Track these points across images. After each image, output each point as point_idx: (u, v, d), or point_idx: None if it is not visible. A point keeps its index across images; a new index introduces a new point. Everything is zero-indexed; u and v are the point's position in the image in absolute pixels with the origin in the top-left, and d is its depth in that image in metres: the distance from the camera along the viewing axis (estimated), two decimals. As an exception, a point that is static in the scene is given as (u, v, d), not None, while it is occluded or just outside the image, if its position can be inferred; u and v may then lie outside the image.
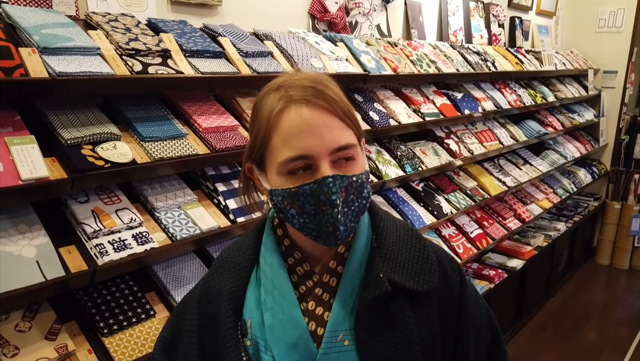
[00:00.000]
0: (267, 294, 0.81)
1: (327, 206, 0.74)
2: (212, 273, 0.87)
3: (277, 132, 0.75)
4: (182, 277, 1.54)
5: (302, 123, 0.74)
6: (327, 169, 0.74)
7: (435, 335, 0.82)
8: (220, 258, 0.88)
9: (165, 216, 1.49)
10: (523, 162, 3.65)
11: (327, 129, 0.74)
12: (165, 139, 1.49)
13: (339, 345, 0.78)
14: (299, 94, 0.75)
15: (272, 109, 0.76)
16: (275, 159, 0.76)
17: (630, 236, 4.61)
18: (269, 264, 0.83)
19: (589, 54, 4.81)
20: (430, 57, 2.74)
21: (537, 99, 3.65)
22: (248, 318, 0.81)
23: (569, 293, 4.24)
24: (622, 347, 3.45)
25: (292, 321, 0.79)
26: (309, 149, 0.73)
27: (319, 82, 0.77)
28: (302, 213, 0.76)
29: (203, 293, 0.86)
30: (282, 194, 0.75)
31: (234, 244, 0.89)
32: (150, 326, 1.40)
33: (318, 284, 0.82)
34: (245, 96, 1.84)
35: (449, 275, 0.86)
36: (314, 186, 0.73)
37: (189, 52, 1.60)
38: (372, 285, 0.79)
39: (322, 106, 0.75)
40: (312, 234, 0.77)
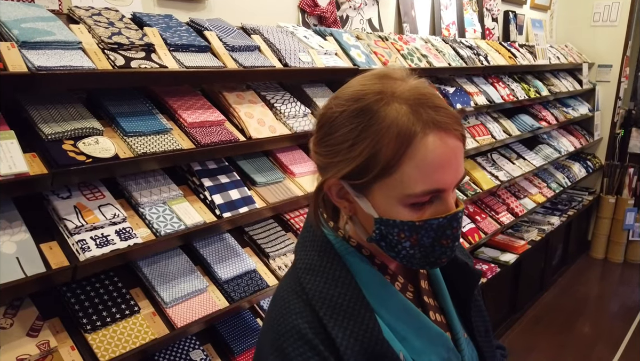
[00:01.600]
0: (395, 323, 0.73)
1: (449, 240, 0.70)
2: (336, 321, 0.69)
3: (415, 160, 0.64)
4: (168, 273, 1.54)
5: (446, 155, 0.65)
6: (452, 203, 0.69)
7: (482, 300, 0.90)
8: (326, 302, 0.70)
9: (150, 211, 1.48)
10: (517, 157, 3.65)
11: (460, 159, 0.68)
12: (149, 134, 1.48)
13: (466, 340, 0.82)
14: (443, 119, 0.65)
15: (408, 130, 0.64)
16: (402, 189, 0.66)
17: (624, 230, 4.62)
18: (379, 291, 0.74)
19: (583, 48, 4.79)
20: (421, 51, 2.73)
21: (531, 93, 3.64)
22: (399, 351, 0.71)
23: (563, 287, 4.25)
24: (616, 340, 3.46)
25: (438, 338, 0.76)
26: (445, 183, 0.67)
27: (439, 97, 0.69)
28: (416, 245, 0.69)
29: (345, 347, 0.67)
30: (402, 227, 0.68)
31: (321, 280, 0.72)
32: (134, 322, 1.39)
33: (423, 292, 0.81)
34: (232, 91, 1.83)
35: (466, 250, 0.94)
36: (443, 221, 0.68)
37: (173, 46, 1.58)
38: (468, 276, 0.84)
39: (459, 133, 0.67)
40: (412, 262, 0.72)
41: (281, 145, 1.93)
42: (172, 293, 1.48)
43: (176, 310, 1.47)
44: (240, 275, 1.67)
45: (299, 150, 2.08)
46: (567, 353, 3.31)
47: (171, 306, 1.47)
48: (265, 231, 1.88)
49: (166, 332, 1.41)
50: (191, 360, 1.52)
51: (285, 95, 2.00)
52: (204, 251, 1.66)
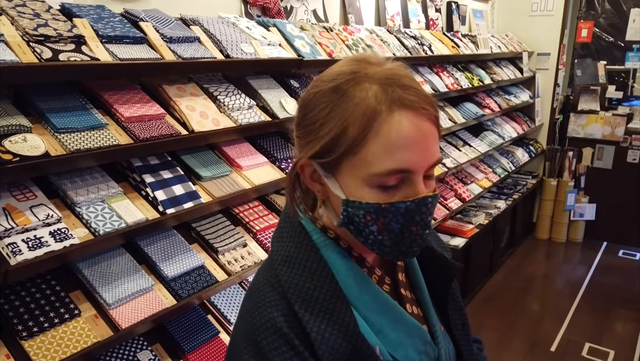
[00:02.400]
0: (371, 316, 0.72)
1: (419, 226, 0.67)
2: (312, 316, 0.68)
3: (380, 138, 0.64)
4: (110, 273, 1.48)
5: (412, 133, 0.64)
6: (422, 187, 0.66)
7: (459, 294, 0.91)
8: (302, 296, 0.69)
9: (87, 210, 1.42)
10: (463, 144, 3.75)
11: (432, 140, 0.66)
12: (82, 130, 1.41)
13: (443, 333, 0.82)
14: (403, 95, 0.64)
15: (373, 108, 0.64)
16: (367, 168, 0.65)
17: (566, 211, 4.85)
18: (355, 284, 0.73)
19: (523, 37, 4.98)
20: (366, 41, 2.75)
21: (474, 81, 3.74)
22: (375, 345, 0.70)
23: (511, 267, 4.42)
24: (561, 315, 3.64)
25: (415, 331, 0.75)
26: (413, 163, 0.64)
27: (411, 78, 0.67)
28: (384, 230, 0.67)
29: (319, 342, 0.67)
30: (368, 209, 0.66)
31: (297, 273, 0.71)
32: (75, 326, 1.34)
33: (400, 285, 0.80)
34: (172, 84, 1.78)
35: (444, 243, 0.94)
36: (411, 205, 0.65)
37: (106, 38, 1.52)
38: (443, 268, 0.83)
39: (430, 114, 0.66)
40: (384, 251, 0.70)
41: (226, 138, 1.90)
42: (115, 294, 1.43)
43: (120, 310, 1.43)
44: (188, 272, 1.63)
45: (245, 143, 2.05)
46: (516, 329, 3.45)
47: (114, 308, 1.42)
48: (213, 226, 1.85)
49: (110, 334, 1.37)
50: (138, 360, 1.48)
51: (229, 87, 1.97)
52: (148, 250, 1.61)
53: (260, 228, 1.93)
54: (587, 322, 3.55)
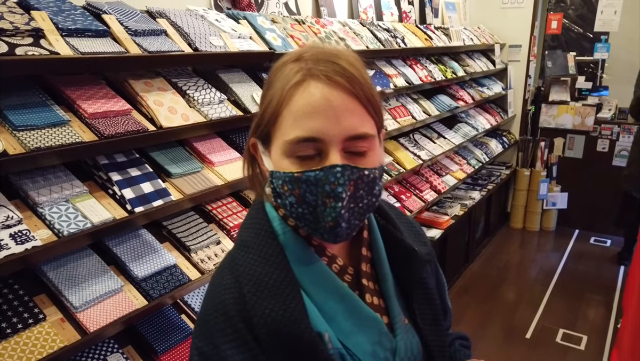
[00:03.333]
0: (324, 304, 0.73)
1: (331, 198, 0.67)
2: (256, 299, 0.69)
3: (289, 108, 0.68)
4: (77, 275, 1.43)
5: (319, 102, 0.66)
6: (336, 158, 0.67)
7: (435, 287, 0.90)
8: (252, 279, 0.71)
9: (50, 211, 1.37)
10: (437, 136, 3.77)
11: (346, 112, 0.67)
12: (43, 127, 1.36)
13: (405, 326, 0.80)
14: (320, 68, 0.68)
15: (288, 80, 0.69)
16: (282, 137, 0.69)
17: (539, 200, 4.94)
18: (311, 272, 0.74)
19: (495, 29, 5.03)
20: (339, 34, 2.73)
21: (448, 74, 3.76)
22: (324, 332, 0.71)
23: (487, 257, 4.48)
24: (536, 302, 3.70)
25: (370, 320, 0.75)
26: (322, 132, 0.66)
27: (345, 59, 0.70)
28: (301, 202, 0.69)
29: (260, 325, 0.68)
30: (284, 178, 0.69)
31: (252, 258, 0.73)
32: (40, 331, 1.29)
33: (362, 275, 0.79)
34: (139, 78, 1.73)
35: (427, 239, 0.93)
36: (319, 174, 0.66)
37: (66, 31, 1.46)
38: (413, 262, 0.82)
39: (344, 85, 0.67)
40: (310, 227, 0.71)
41: (197, 133, 1.85)
42: (82, 297, 1.39)
43: (87, 313, 1.38)
44: (159, 271, 1.59)
45: (217, 138, 2.01)
46: (492, 318, 3.50)
47: (81, 311, 1.37)
48: (185, 224, 1.81)
49: (77, 338, 1.32)
50: (109, 364, 1.44)
51: (198, 81, 1.92)
52: (117, 250, 1.56)
53: (234, 224, 1.89)
54: (560, 309, 3.62)
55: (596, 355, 3.09)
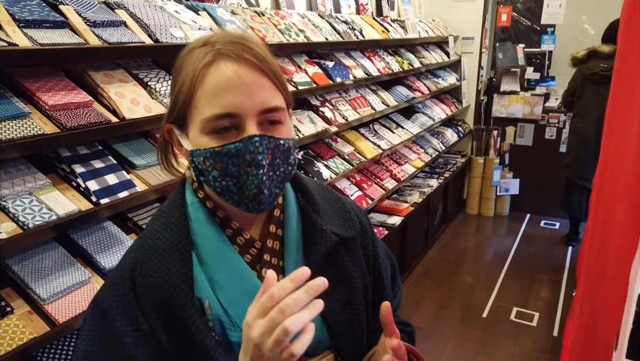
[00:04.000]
0: (215, 272, 0.77)
1: (252, 166, 0.71)
2: (144, 260, 0.76)
3: (203, 88, 0.71)
4: (43, 268, 1.43)
5: (231, 79, 0.70)
6: (253, 129, 0.71)
7: (364, 274, 0.91)
8: (147, 242, 0.78)
9: (14, 204, 1.36)
10: (396, 126, 3.88)
11: (257, 87, 0.72)
12: (3, 119, 1.34)
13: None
14: (229, 48, 0.72)
15: (199, 62, 0.72)
16: (199, 116, 0.72)
17: (493, 187, 5.16)
18: (208, 240, 0.78)
19: (449, 21, 5.19)
20: (298, 26, 2.77)
21: (404, 65, 3.87)
22: (205, 298, 0.76)
23: (445, 242, 4.66)
24: (491, 283, 3.89)
25: (255, 292, 0.75)
26: (237, 107, 0.70)
27: (249, 40, 0.75)
28: (225, 175, 0.73)
29: (140, 283, 0.74)
30: (205, 155, 0.72)
31: (156, 225, 0.80)
32: (7, 323, 1.28)
33: (265, 250, 0.82)
34: (99, 70, 1.72)
35: (362, 219, 0.95)
36: (239, 145, 0.71)
37: (23, 22, 1.44)
38: (319, 240, 0.83)
39: (253, 63, 0.72)
40: (234, 199, 0.75)
41: (159, 125, 1.85)
42: (49, 289, 1.38)
43: (56, 305, 1.38)
44: (127, 262, 1.60)
45: (180, 130, 2.02)
46: (451, 300, 3.66)
47: (50, 302, 1.37)
48: (150, 216, 1.82)
49: (47, 330, 1.32)
50: (79, 355, 1.44)
51: (160, 73, 1.92)
52: (83, 242, 1.56)
53: (200, 214, 1.91)
54: (514, 288, 3.82)
55: (547, 329, 3.29)
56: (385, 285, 0.98)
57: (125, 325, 0.72)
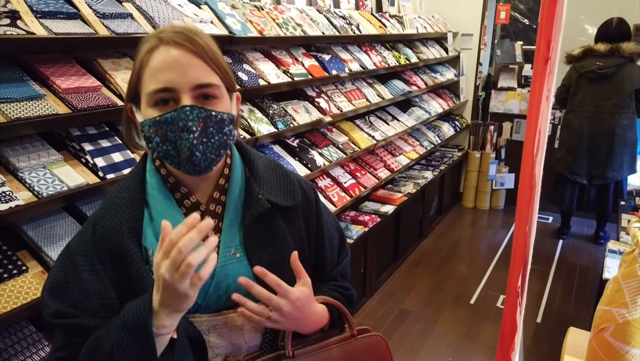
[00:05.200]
0: (159, 227, 0.91)
1: (184, 132, 0.84)
2: (104, 214, 0.92)
3: (147, 69, 0.86)
4: (55, 234, 1.59)
5: (168, 60, 0.84)
6: (187, 101, 0.85)
7: (302, 240, 1.04)
8: (109, 201, 0.94)
9: (30, 175, 1.52)
10: (391, 119, 4.02)
11: (191, 67, 0.85)
12: (21, 100, 1.50)
13: (232, 258, 0.95)
14: (169, 36, 0.86)
15: (145, 49, 0.87)
16: (144, 92, 0.87)
17: (489, 180, 5.28)
18: (158, 201, 0.93)
19: (448, 18, 5.30)
20: (296, 20, 2.91)
21: (401, 60, 4.00)
22: (149, 248, 0.91)
23: (440, 233, 4.79)
24: (481, 272, 4.03)
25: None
26: (172, 82, 0.84)
27: (190, 31, 0.88)
28: (165, 140, 0.86)
29: (98, 232, 0.91)
30: (149, 123, 0.86)
31: (118, 187, 0.96)
32: (23, 280, 1.45)
33: (206, 213, 0.95)
34: (107, 58, 1.88)
35: (307, 193, 1.08)
36: (174, 114, 0.84)
37: (40, 13, 1.61)
38: (253, 206, 0.97)
39: (189, 48, 0.85)
40: (175, 162, 0.88)
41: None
42: (60, 252, 1.55)
43: (65, 267, 1.54)
44: (129, 233, 1.76)
45: (181, 115, 2.17)
46: (442, 287, 3.80)
47: (60, 264, 1.54)
48: (152, 193, 1.98)
49: (57, 288, 1.49)
50: (85, 313, 1.61)
51: (163, 62, 2.08)
52: (90, 213, 1.72)
53: (198, 193, 2.07)
54: (502, 277, 3.95)
55: (531, 316, 3.43)
56: (327, 251, 1.09)
57: (85, 265, 0.89)
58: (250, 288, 0.89)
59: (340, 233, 1.18)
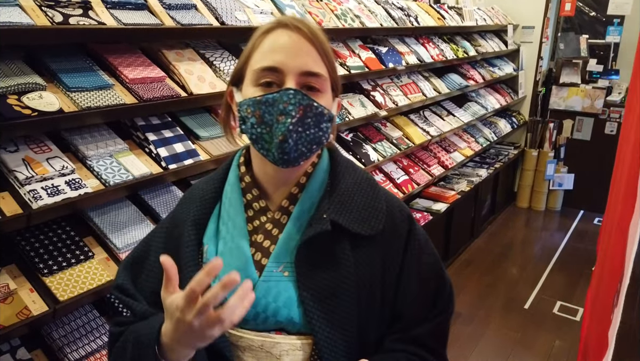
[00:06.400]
0: (223, 225, 0.90)
1: (283, 115, 0.80)
2: (181, 203, 0.97)
3: (259, 49, 0.84)
4: (119, 222, 1.63)
5: (281, 41, 0.82)
6: (291, 84, 0.81)
7: (373, 276, 0.87)
8: (190, 190, 0.98)
9: (97, 163, 1.56)
10: (447, 114, 3.90)
11: (303, 52, 0.83)
12: (91, 89, 1.54)
13: (278, 275, 0.86)
14: (289, 20, 0.84)
15: (261, 31, 0.86)
16: (250, 69, 0.84)
17: (545, 180, 5.06)
18: (228, 198, 0.91)
19: (509, 10, 5.09)
20: (354, 11, 2.86)
21: (459, 53, 3.87)
22: (206, 244, 0.90)
23: (492, 233, 4.64)
24: (536, 276, 3.87)
25: (238, 250, 0.87)
26: (282, 63, 0.81)
27: (311, 23, 0.87)
28: (260, 122, 0.82)
29: (171, 219, 0.95)
30: (249, 102, 0.83)
31: (204, 178, 0.97)
32: (89, 266, 1.49)
33: (270, 220, 0.90)
34: (171, 49, 1.90)
35: (397, 223, 0.91)
36: (276, 95, 0.81)
37: (110, 3, 1.63)
38: (315, 224, 0.86)
39: (306, 34, 0.83)
40: (265, 147, 0.83)
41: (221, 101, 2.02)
42: (124, 240, 1.58)
43: (129, 254, 1.57)
44: (189, 223, 1.78)
45: (239, 107, 2.17)
46: (493, 290, 3.68)
47: (124, 252, 1.57)
48: (210, 184, 1.99)
49: (120, 275, 1.52)
50: (146, 300, 1.64)
51: (223, 53, 2.08)
52: (152, 202, 1.75)
53: (254, 186, 2.07)
54: (559, 283, 3.78)
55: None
56: (409, 297, 0.90)
57: (156, 246, 0.95)
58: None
59: (439, 280, 0.95)
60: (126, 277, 0.94)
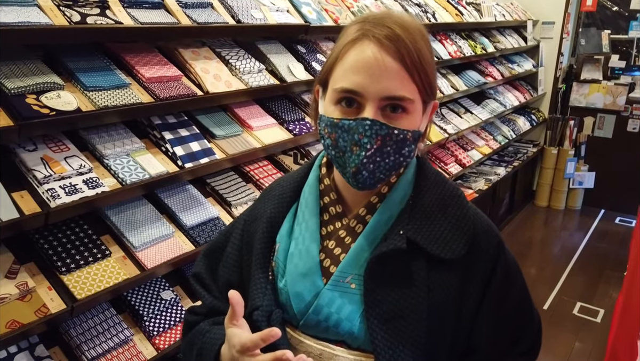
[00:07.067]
0: (298, 225, 0.87)
1: (357, 146, 0.75)
2: (261, 198, 0.96)
3: (342, 62, 0.77)
4: (136, 221, 1.63)
5: (363, 60, 0.74)
6: (370, 112, 0.74)
7: (448, 302, 0.81)
8: (270, 186, 0.97)
9: (114, 162, 1.56)
10: (464, 111, 3.85)
11: (386, 74, 0.74)
12: (109, 88, 1.54)
13: (345, 286, 0.82)
14: (376, 31, 0.75)
15: (347, 38, 0.78)
16: (332, 85, 0.78)
17: (565, 179, 4.96)
18: (306, 198, 0.88)
19: (528, 5, 5.00)
20: (371, 8, 2.83)
21: (477, 49, 3.81)
22: (278, 242, 0.88)
23: (510, 232, 4.57)
24: (556, 276, 3.80)
25: (308, 253, 0.84)
26: (362, 86, 0.74)
27: (402, 27, 0.76)
28: (335, 146, 0.78)
29: (250, 213, 0.95)
30: (326, 122, 0.78)
31: (286, 175, 0.96)
32: (107, 264, 1.49)
33: (344, 227, 0.85)
34: (187, 47, 1.90)
35: (484, 249, 0.83)
36: (352, 123, 0.75)
37: (127, 2, 1.63)
38: (390, 239, 0.81)
39: (392, 50, 0.74)
40: (340, 170, 0.80)
41: (238, 100, 2.02)
42: (140, 238, 1.59)
43: (145, 253, 1.58)
44: (205, 222, 1.78)
45: (255, 105, 2.17)
46: (511, 289, 3.62)
47: (140, 250, 1.57)
48: (226, 182, 1.99)
49: (137, 273, 1.53)
50: (162, 299, 1.65)
51: (240, 52, 2.08)
52: (168, 201, 1.76)
53: (270, 184, 2.07)
54: (579, 283, 3.71)
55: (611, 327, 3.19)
56: (485, 328, 0.84)
57: (234, 239, 0.96)
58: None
59: (526, 316, 0.89)
60: (203, 265, 0.99)
